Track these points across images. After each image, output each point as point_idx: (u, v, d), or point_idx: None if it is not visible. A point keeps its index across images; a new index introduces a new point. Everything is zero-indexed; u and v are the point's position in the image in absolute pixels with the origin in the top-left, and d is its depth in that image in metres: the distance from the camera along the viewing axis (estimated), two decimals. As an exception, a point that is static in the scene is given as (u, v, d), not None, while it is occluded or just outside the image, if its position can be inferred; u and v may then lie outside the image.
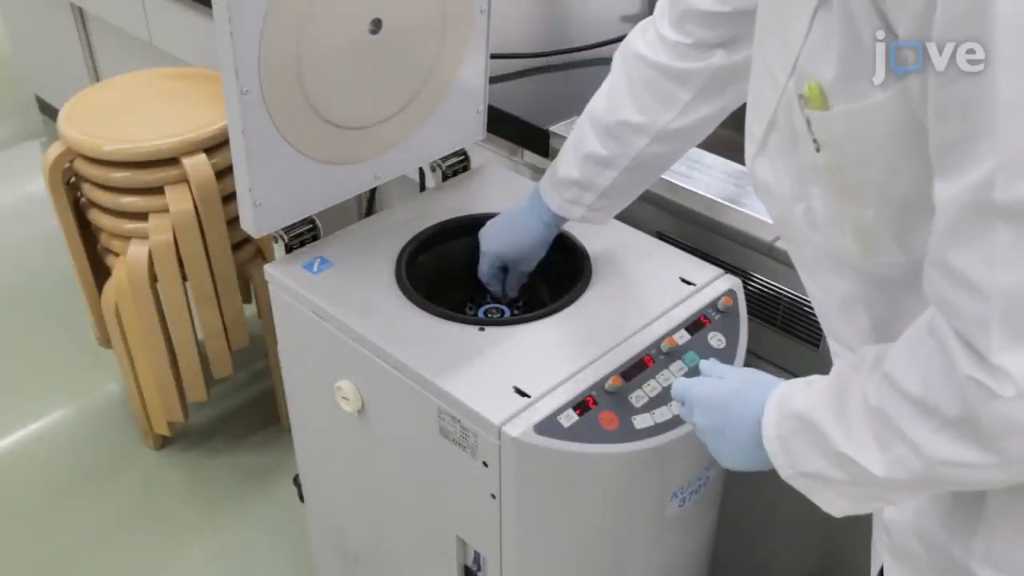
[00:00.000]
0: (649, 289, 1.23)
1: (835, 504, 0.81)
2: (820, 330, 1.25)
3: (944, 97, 0.61)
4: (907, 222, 0.74)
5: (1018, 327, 0.61)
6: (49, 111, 3.47)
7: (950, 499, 0.82)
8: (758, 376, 0.90)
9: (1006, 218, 0.59)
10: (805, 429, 0.79)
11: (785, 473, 0.82)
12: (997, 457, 0.66)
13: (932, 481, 0.72)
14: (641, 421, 1.06)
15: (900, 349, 0.72)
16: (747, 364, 1.18)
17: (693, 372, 1.12)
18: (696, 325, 1.18)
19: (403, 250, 1.30)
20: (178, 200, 1.79)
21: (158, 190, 1.79)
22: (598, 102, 1.16)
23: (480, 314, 1.36)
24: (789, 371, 1.32)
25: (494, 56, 1.45)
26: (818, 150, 0.75)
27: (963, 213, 0.61)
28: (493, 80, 1.46)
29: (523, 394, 1.06)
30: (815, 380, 0.81)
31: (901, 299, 0.80)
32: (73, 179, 1.90)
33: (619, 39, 1.16)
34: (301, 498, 1.57)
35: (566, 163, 1.19)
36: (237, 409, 2.28)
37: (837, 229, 0.80)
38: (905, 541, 0.87)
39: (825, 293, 0.88)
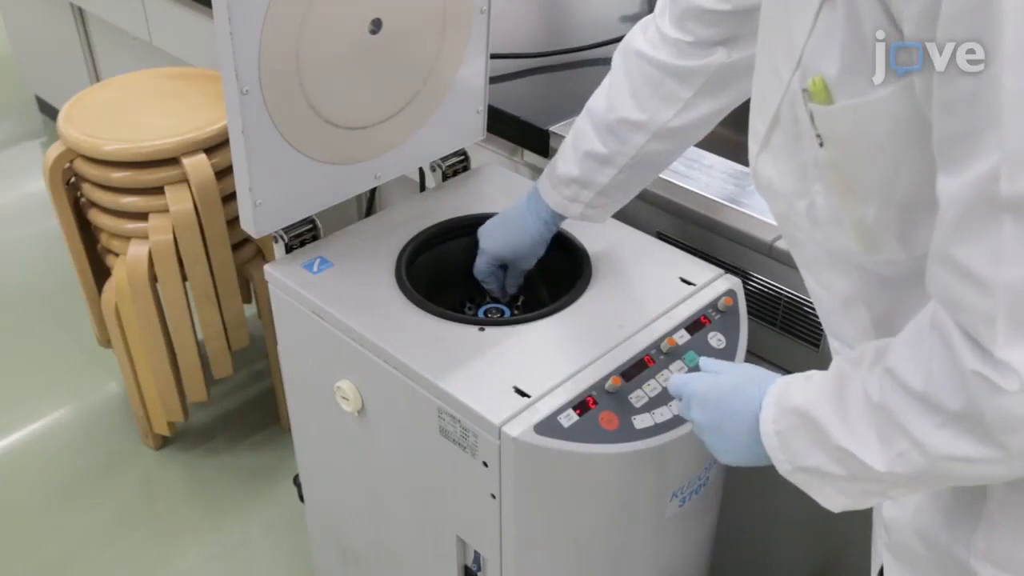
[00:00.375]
0: (649, 289, 1.23)
1: (833, 499, 0.81)
2: (820, 330, 1.25)
3: (948, 92, 0.61)
4: (909, 220, 0.74)
5: (1023, 322, 0.61)
6: (49, 111, 3.47)
7: (950, 496, 0.82)
8: (756, 372, 0.90)
9: (1012, 212, 0.59)
10: (804, 424, 0.79)
11: (784, 469, 0.82)
12: (1000, 451, 0.66)
13: (934, 476, 0.72)
14: (641, 421, 1.06)
15: (902, 344, 0.72)
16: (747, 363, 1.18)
17: (693, 372, 1.12)
18: (696, 325, 1.18)
19: (403, 250, 1.30)
20: (178, 200, 1.79)
21: (158, 190, 1.79)
22: (598, 100, 1.16)
23: (480, 314, 1.36)
24: (789, 371, 1.32)
25: (494, 56, 1.45)
26: (821, 145, 0.75)
27: (968, 207, 0.61)
28: (493, 80, 1.46)
29: (523, 394, 1.06)
30: (814, 375, 0.81)
31: (903, 297, 0.80)
32: (73, 179, 1.90)
33: (619, 39, 1.16)
34: (301, 498, 1.58)
35: (565, 161, 1.19)
36: (237, 409, 2.28)
37: (839, 227, 0.80)
38: (905, 539, 0.87)
39: (826, 291, 0.89)
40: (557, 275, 1.32)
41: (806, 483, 0.82)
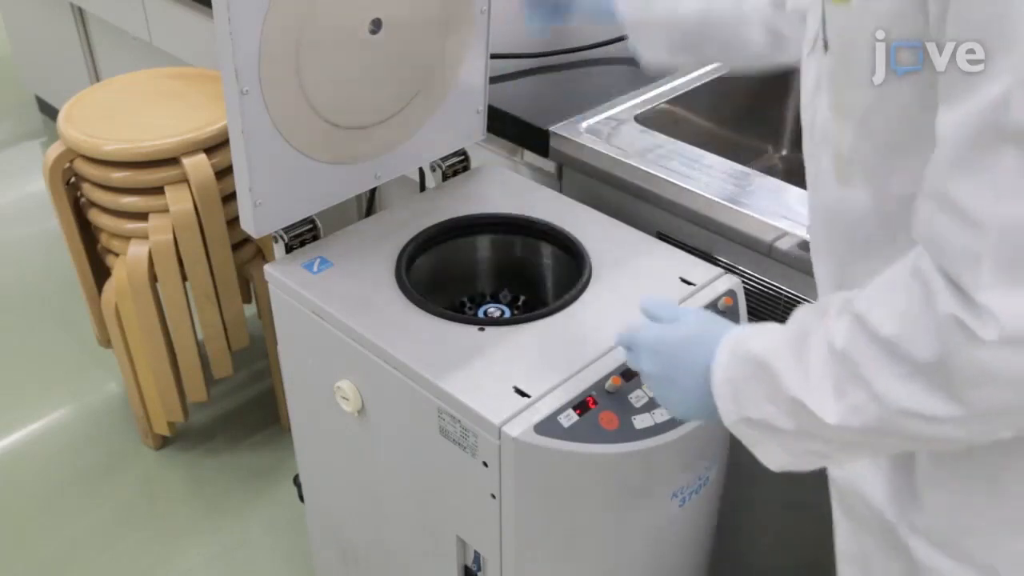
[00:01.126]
0: (649, 289, 1.23)
1: (775, 457, 0.80)
2: (820, 330, 1.25)
3: (963, 10, 0.59)
4: (882, 157, 0.73)
5: (1011, 266, 0.59)
6: (49, 111, 3.47)
7: (889, 467, 0.82)
8: (709, 320, 0.87)
9: (1015, 142, 0.57)
10: (758, 372, 0.77)
11: (730, 419, 0.80)
12: (960, 409, 0.64)
13: (884, 434, 0.70)
14: (641, 421, 1.06)
15: (875, 290, 0.70)
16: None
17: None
18: (696, 325, 1.18)
19: (403, 250, 1.30)
20: (178, 200, 1.79)
21: (158, 190, 1.79)
22: None
23: (480, 314, 1.36)
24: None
25: (494, 56, 1.45)
26: (826, 50, 0.74)
27: (968, 138, 0.59)
28: (493, 80, 1.46)
29: (523, 394, 1.06)
30: (773, 326, 0.79)
31: (864, 253, 0.79)
32: (73, 179, 1.90)
33: (619, 39, 1.17)
34: (301, 498, 1.58)
35: None
36: (237, 409, 2.29)
37: (826, 146, 0.78)
38: (850, 499, 0.87)
39: (812, 214, 0.87)
40: (557, 275, 1.32)
41: (750, 437, 0.80)
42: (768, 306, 1.32)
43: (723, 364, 0.80)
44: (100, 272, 2.01)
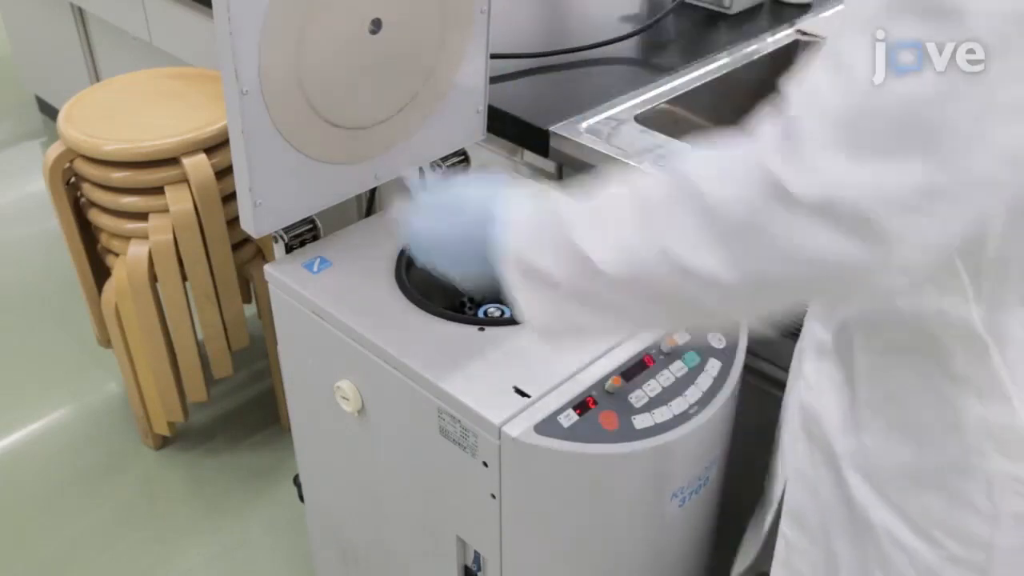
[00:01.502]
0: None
1: (537, 310, 0.78)
2: (820, 330, 1.25)
3: None
4: None
5: (858, 132, 0.58)
6: (49, 111, 3.47)
7: (846, 399, 0.83)
8: (488, 179, 0.86)
9: (918, 13, 0.57)
10: (547, 218, 0.75)
11: (505, 257, 0.78)
12: (738, 276, 0.62)
13: (651, 295, 0.68)
14: (641, 421, 1.06)
15: (707, 149, 0.68)
16: (747, 364, 1.18)
17: (694, 371, 1.11)
18: (696, 325, 1.18)
19: (403, 250, 1.30)
20: (178, 200, 1.79)
21: (158, 190, 1.79)
22: None
23: (480, 314, 1.36)
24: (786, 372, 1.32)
25: (494, 56, 1.45)
26: None
27: (886, 3, 0.59)
28: (493, 80, 1.46)
29: (523, 394, 1.06)
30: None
31: None
32: (73, 179, 1.90)
33: (619, 39, 1.16)
34: (301, 498, 1.58)
35: None
36: (237, 409, 2.29)
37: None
38: (811, 425, 0.89)
39: None
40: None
41: (518, 282, 0.78)
42: (768, 306, 1.32)
43: (514, 206, 0.79)
44: (100, 272, 2.01)
